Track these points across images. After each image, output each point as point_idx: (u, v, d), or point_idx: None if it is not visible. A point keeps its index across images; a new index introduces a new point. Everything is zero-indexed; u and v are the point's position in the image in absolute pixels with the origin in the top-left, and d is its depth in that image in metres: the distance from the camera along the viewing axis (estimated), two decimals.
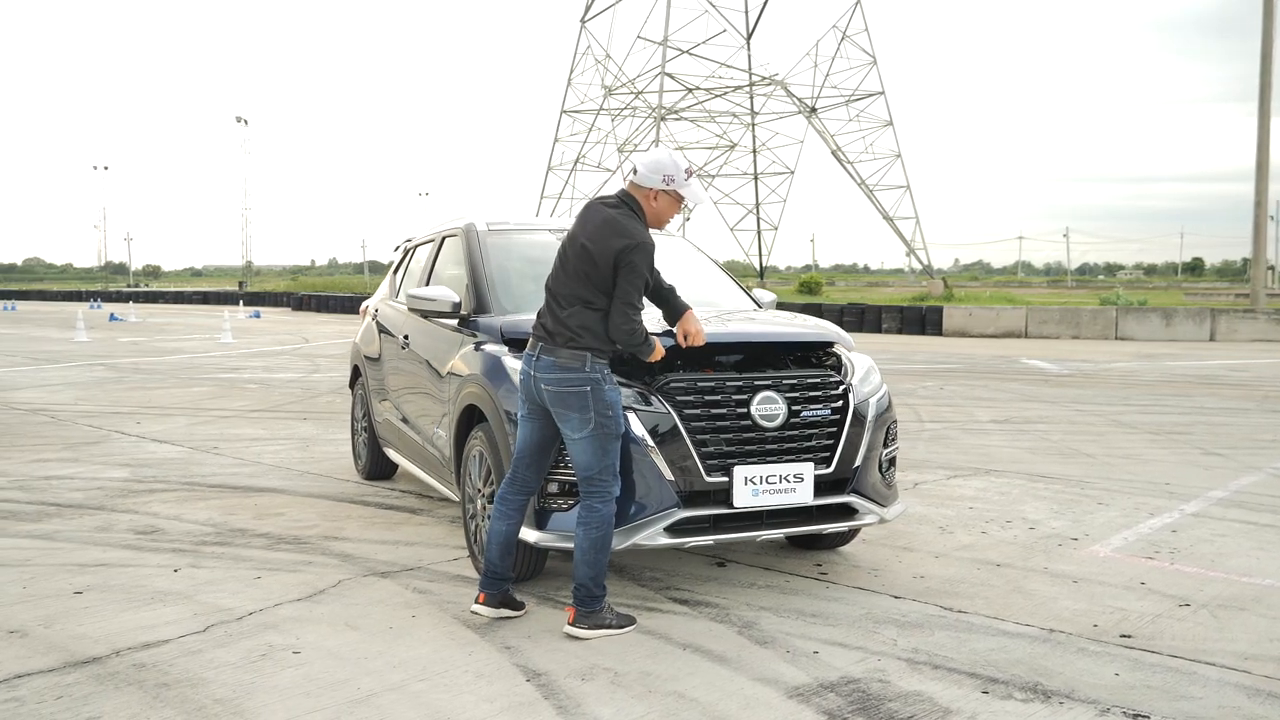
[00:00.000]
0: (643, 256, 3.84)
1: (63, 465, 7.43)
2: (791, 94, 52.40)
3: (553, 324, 3.90)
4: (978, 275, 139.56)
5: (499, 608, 4.05)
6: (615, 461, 3.87)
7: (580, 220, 4.01)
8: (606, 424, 3.82)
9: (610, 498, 3.87)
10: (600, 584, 3.89)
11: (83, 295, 62.47)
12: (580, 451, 3.85)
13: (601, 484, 3.85)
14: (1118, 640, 3.92)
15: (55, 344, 21.26)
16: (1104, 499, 6.45)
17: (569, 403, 3.83)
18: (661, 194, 3.96)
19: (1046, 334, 25.47)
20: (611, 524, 3.88)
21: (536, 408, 3.95)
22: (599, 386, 3.82)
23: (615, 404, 3.85)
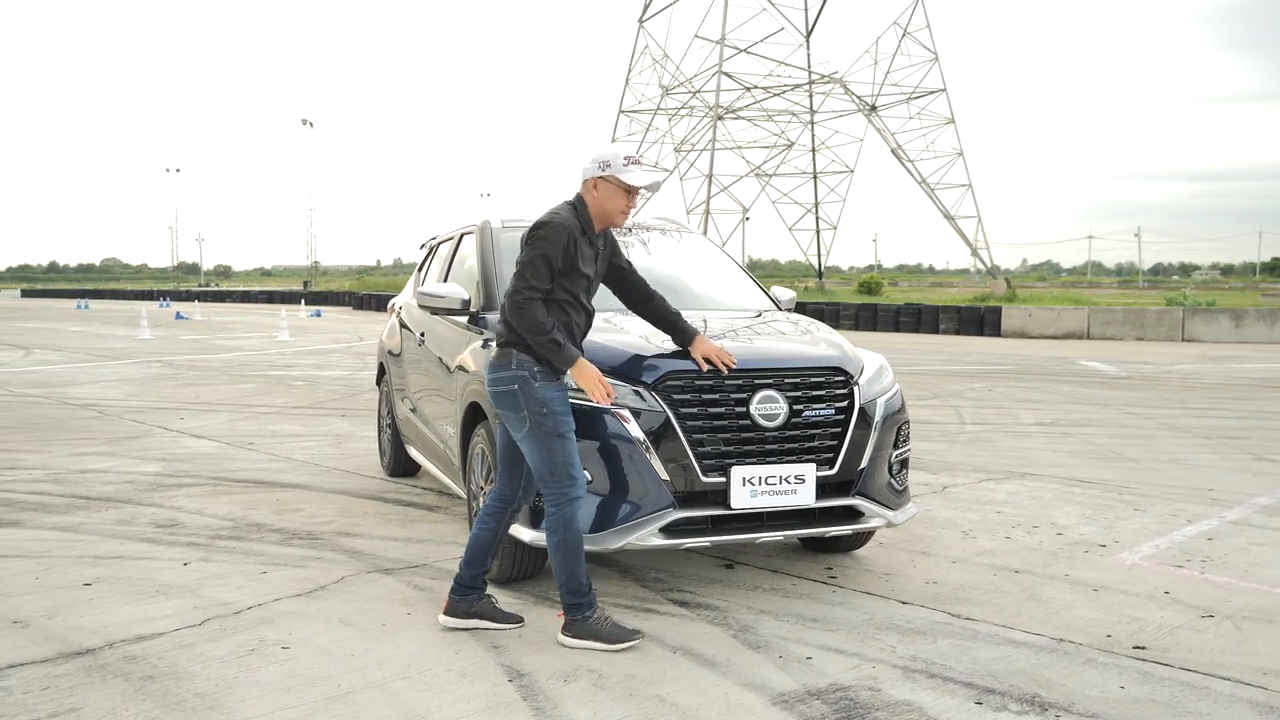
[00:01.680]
0: (550, 232, 3.74)
1: (100, 459, 7.59)
2: (851, 92, 51.84)
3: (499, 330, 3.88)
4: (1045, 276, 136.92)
5: (466, 617, 3.90)
6: (566, 461, 3.71)
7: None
8: (543, 422, 3.71)
9: (567, 500, 3.72)
10: (577, 590, 3.77)
11: (154, 294, 64.23)
12: (527, 453, 3.77)
13: (555, 485, 3.72)
14: (1129, 652, 3.76)
15: (119, 341, 21.83)
16: (1141, 505, 6.23)
17: (502, 402, 3.77)
18: (600, 182, 3.85)
19: (1109, 335, 24.83)
20: (573, 526, 3.74)
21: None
22: (527, 384, 3.72)
23: (551, 400, 3.72)
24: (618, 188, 3.86)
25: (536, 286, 3.72)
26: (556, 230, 3.75)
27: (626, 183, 3.85)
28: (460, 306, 5.05)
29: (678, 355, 4.15)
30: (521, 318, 3.71)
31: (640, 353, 4.18)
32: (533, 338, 3.71)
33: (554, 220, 3.79)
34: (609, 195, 3.87)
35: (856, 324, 28.88)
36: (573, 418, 3.78)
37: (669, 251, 5.85)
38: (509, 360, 3.76)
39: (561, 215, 3.82)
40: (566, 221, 3.79)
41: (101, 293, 73.62)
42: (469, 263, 5.65)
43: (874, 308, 30.12)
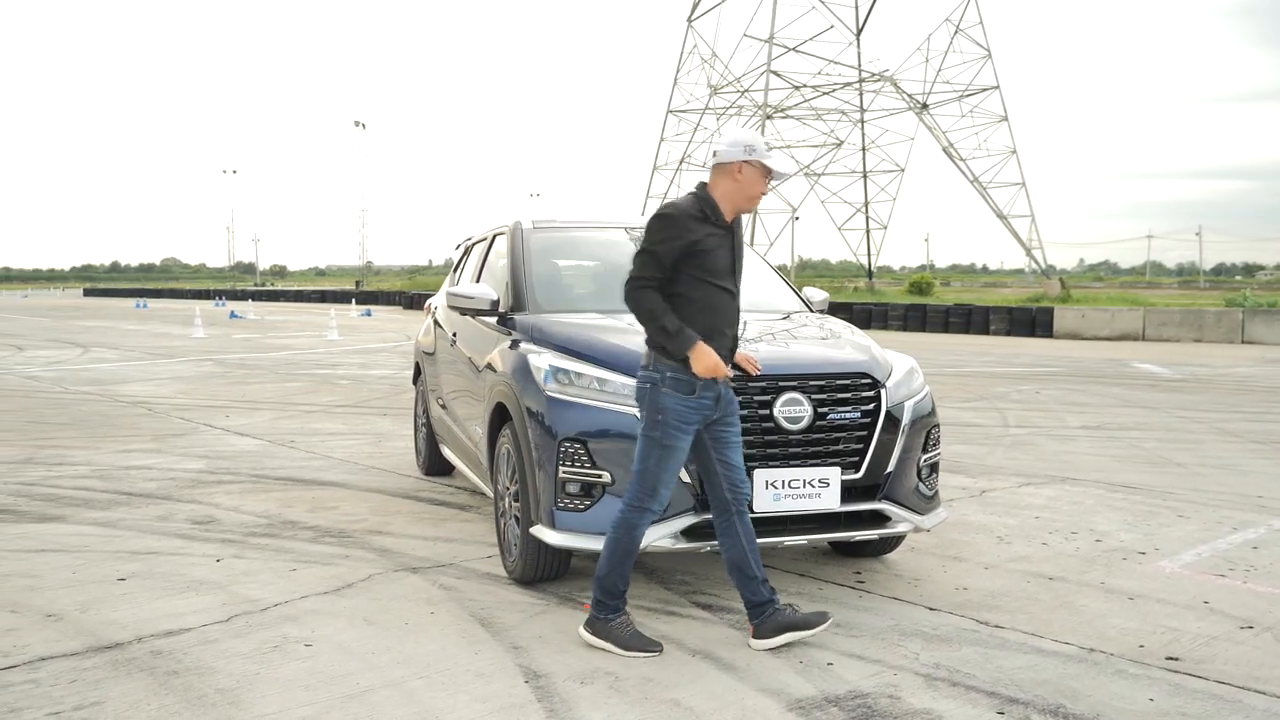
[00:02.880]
0: (659, 224, 3.70)
1: (145, 456, 7.74)
2: (901, 90, 51.30)
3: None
4: (1102, 276, 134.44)
5: (776, 634, 3.75)
6: (657, 472, 3.67)
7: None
8: (653, 428, 3.68)
9: (641, 509, 3.69)
10: (611, 591, 3.74)
11: (211, 294, 65.47)
12: (636, 451, 3.76)
13: (638, 490, 3.70)
14: (1162, 663, 3.66)
15: (173, 340, 22.28)
16: (1185, 511, 6.07)
17: (639, 397, 3.77)
18: (745, 166, 3.79)
19: (1166, 337, 24.29)
20: (634, 534, 3.72)
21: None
22: (656, 387, 3.69)
23: (668, 409, 3.65)
24: (760, 172, 3.80)
25: (646, 276, 3.69)
26: (666, 222, 3.71)
27: (771, 168, 3.83)
28: (489, 307, 5.07)
29: None
30: (633, 305, 3.70)
31: None
32: (646, 325, 3.69)
33: (667, 212, 3.74)
34: (752, 180, 3.79)
35: (905, 324, 28.59)
36: (689, 436, 3.71)
37: None
38: (650, 361, 3.74)
39: (679, 205, 3.76)
40: (682, 211, 3.74)
41: (160, 292, 75.24)
42: (501, 263, 5.67)
43: (923, 308, 29.77)
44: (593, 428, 4.05)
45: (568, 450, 4.06)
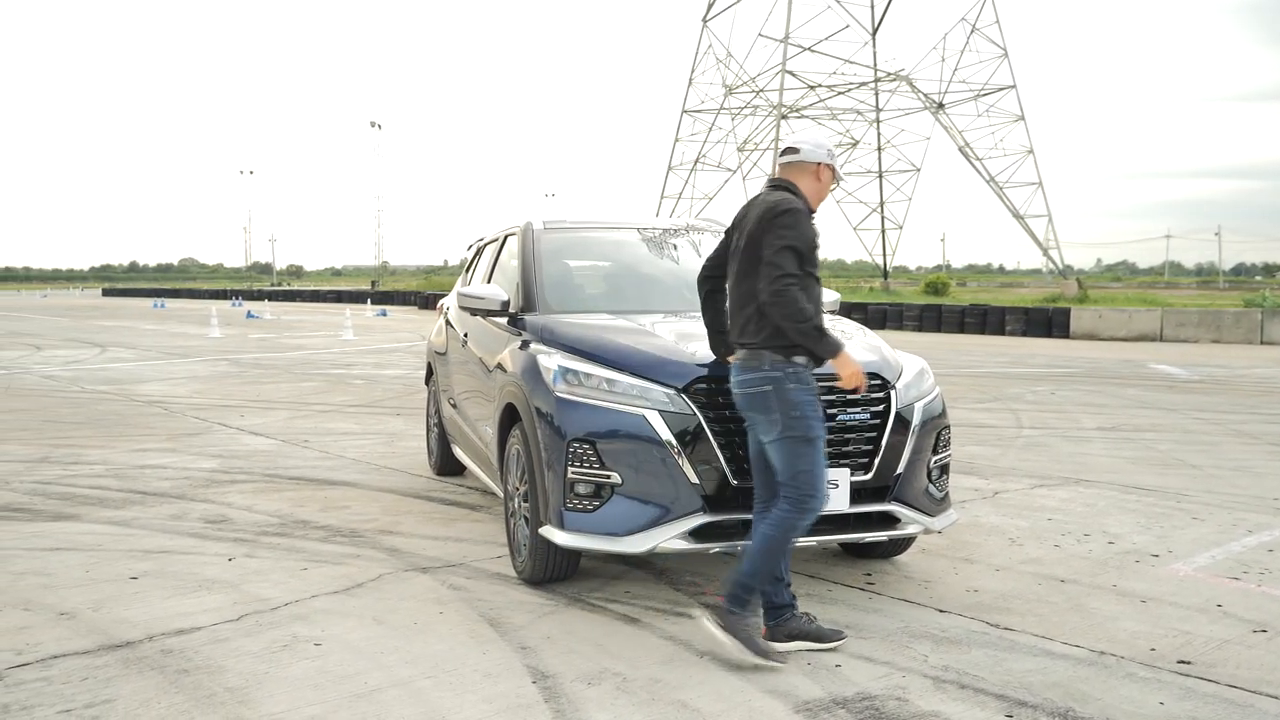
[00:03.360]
0: (796, 219, 3.64)
1: (160, 455, 7.79)
2: (917, 89, 51.13)
3: (736, 330, 3.77)
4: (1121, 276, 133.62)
5: (788, 640, 3.70)
6: (811, 469, 3.59)
7: (743, 215, 3.85)
8: (794, 426, 3.59)
9: (804, 509, 3.60)
10: (749, 588, 3.65)
11: (228, 294, 65.81)
12: (773, 456, 3.67)
13: (795, 491, 3.60)
14: (1173, 666, 3.64)
15: (190, 339, 22.41)
16: (1200, 513, 6.03)
17: (754, 405, 3.67)
18: (824, 168, 3.85)
19: (1183, 337, 24.12)
20: (789, 533, 3.62)
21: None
22: (781, 385, 3.61)
23: (803, 404, 3.61)
24: (832, 176, 3.89)
25: (793, 273, 3.59)
26: (801, 216, 3.68)
27: (839, 174, 3.93)
28: (499, 308, 5.09)
29: (709, 359, 4.12)
30: (783, 305, 3.54)
31: (671, 356, 4.16)
32: (795, 326, 3.55)
33: (797, 206, 3.70)
34: (827, 182, 3.87)
35: (920, 325, 28.48)
36: (823, 424, 3.69)
37: None
38: (760, 362, 3.64)
39: (797, 200, 3.75)
40: (803, 205, 3.75)
41: (178, 292, 75.70)
42: (512, 264, 5.68)
43: (938, 308, 29.66)
44: (602, 428, 4.05)
45: (576, 451, 4.06)
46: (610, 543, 4.02)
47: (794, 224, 3.64)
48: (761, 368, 3.65)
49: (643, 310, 5.01)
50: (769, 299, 3.57)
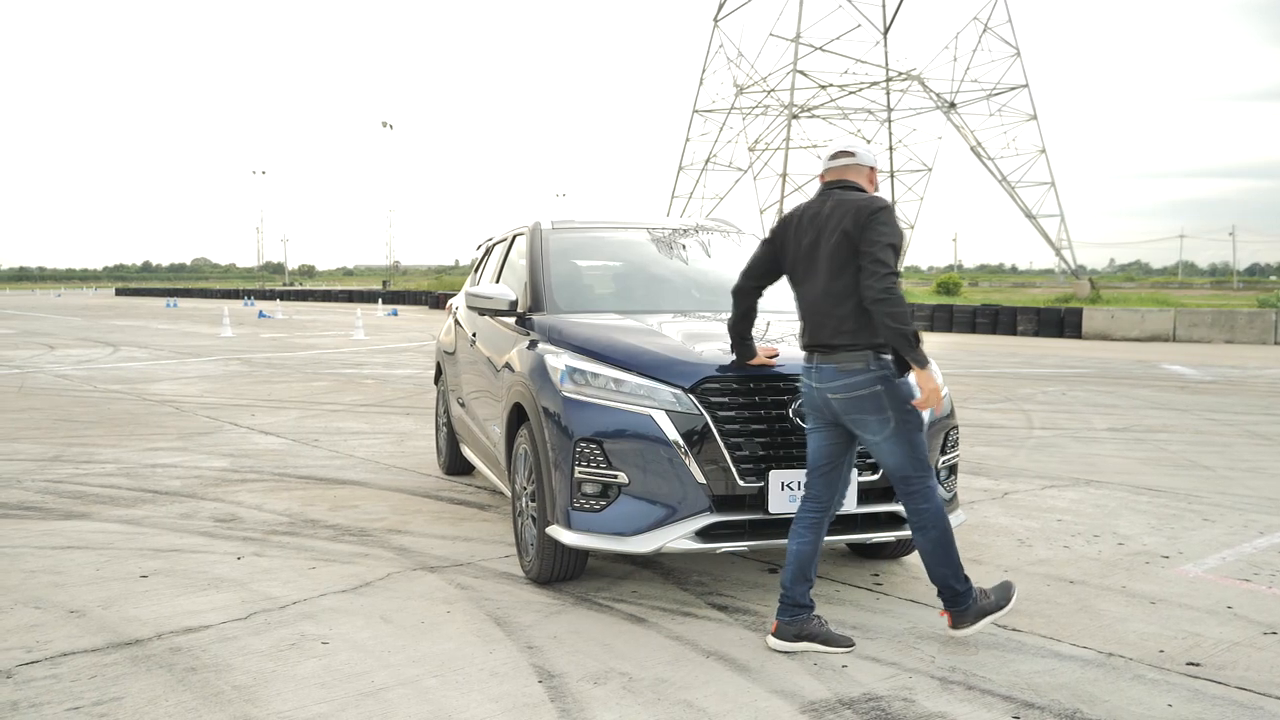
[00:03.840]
0: (891, 216, 3.66)
1: (171, 454, 7.82)
2: (929, 89, 50.98)
3: (826, 331, 3.70)
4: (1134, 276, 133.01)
5: (796, 640, 3.72)
6: (925, 454, 3.72)
7: (814, 216, 3.78)
8: (908, 419, 3.66)
9: (932, 493, 3.71)
10: (961, 578, 3.76)
11: (240, 293, 66.03)
12: (887, 454, 3.70)
13: (918, 482, 3.69)
14: (1182, 668, 3.62)
15: (202, 339, 22.50)
16: (1211, 515, 6.00)
17: (863, 407, 3.65)
18: (874, 171, 3.92)
19: (1196, 338, 24.00)
20: (944, 515, 3.73)
21: (824, 420, 3.76)
22: (890, 383, 3.65)
23: (911, 396, 3.69)
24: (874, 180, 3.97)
25: (897, 271, 3.59)
26: (893, 215, 3.72)
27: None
28: (507, 307, 5.09)
29: (716, 359, 4.12)
30: (892, 303, 3.51)
31: (678, 356, 4.16)
32: (897, 327, 3.51)
33: (889, 204, 3.73)
34: (875, 184, 3.93)
35: (932, 325, 28.39)
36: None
37: (724, 252, 5.82)
38: (865, 362, 3.64)
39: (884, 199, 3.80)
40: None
41: (190, 291, 76.03)
42: (520, 263, 5.68)
43: (949, 309, 29.58)
44: (609, 428, 4.05)
45: (584, 450, 4.06)
46: (617, 542, 4.02)
47: (891, 221, 3.67)
48: (869, 368, 3.65)
49: (651, 310, 5.01)
50: (878, 295, 3.53)
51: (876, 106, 53.00)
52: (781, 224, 3.93)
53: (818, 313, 3.73)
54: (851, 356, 3.65)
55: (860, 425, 3.69)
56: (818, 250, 3.73)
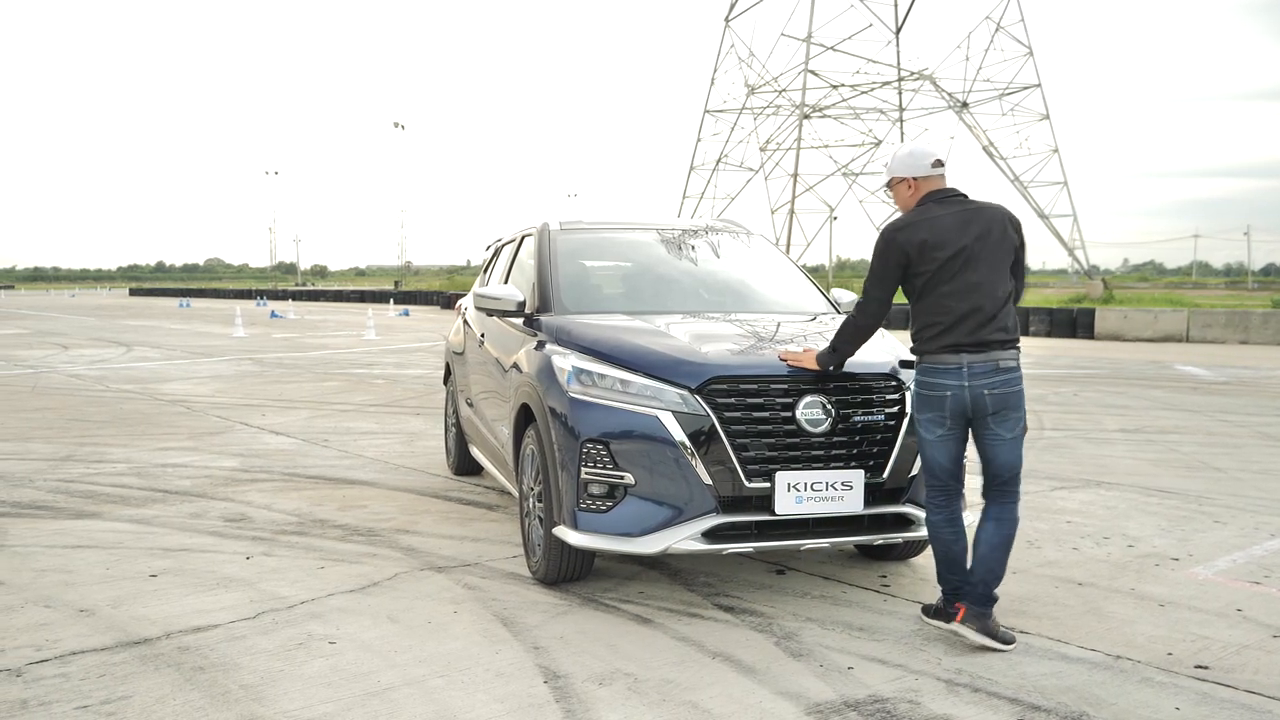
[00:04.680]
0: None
1: (182, 454, 7.86)
2: (941, 89, 50.83)
3: (990, 329, 3.78)
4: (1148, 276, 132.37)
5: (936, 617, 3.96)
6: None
7: (977, 221, 3.86)
8: (1026, 419, 3.91)
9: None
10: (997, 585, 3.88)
11: (253, 294, 66.27)
12: (1011, 451, 3.86)
13: (1019, 482, 3.94)
14: (1190, 671, 3.60)
15: (214, 339, 22.59)
16: (1222, 517, 5.97)
17: (1012, 403, 3.81)
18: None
19: (1210, 338, 23.86)
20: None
21: (959, 422, 3.84)
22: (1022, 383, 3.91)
23: None
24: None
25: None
26: None
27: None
28: (515, 308, 5.10)
29: (723, 360, 4.12)
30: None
31: (684, 357, 4.15)
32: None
33: None
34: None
35: None
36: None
37: (731, 253, 5.83)
38: (1017, 360, 3.87)
39: None
40: None
41: (203, 291, 76.36)
42: (529, 264, 5.69)
43: None
44: (615, 429, 4.06)
45: (590, 451, 4.07)
46: (623, 543, 4.02)
47: None
48: (1019, 366, 3.87)
49: (659, 311, 5.01)
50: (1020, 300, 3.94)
51: (888, 106, 52.86)
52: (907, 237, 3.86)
53: (979, 313, 3.79)
54: (1010, 355, 3.82)
55: (1000, 421, 3.82)
56: (978, 256, 3.82)
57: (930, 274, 3.83)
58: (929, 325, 3.84)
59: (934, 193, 3.94)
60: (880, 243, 3.92)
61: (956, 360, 3.79)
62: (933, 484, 3.93)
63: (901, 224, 3.90)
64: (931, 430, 3.86)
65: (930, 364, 3.84)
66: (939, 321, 3.81)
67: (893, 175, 4.01)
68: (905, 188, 3.98)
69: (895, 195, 4.05)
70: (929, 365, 3.85)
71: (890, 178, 4.02)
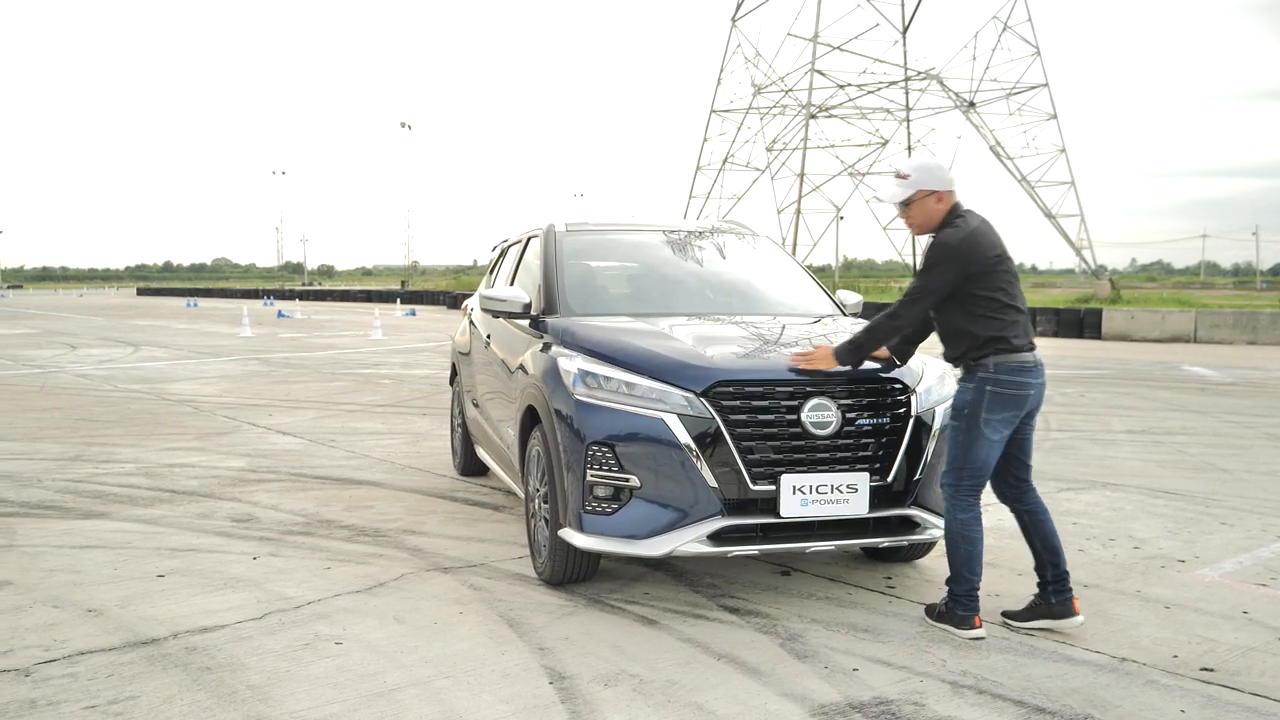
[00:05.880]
0: None
1: (189, 454, 7.89)
2: (948, 88, 50.75)
3: (1030, 333, 4.02)
4: (1155, 276, 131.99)
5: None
6: None
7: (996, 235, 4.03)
8: None
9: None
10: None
11: (260, 293, 66.40)
12: (1030, 446, 4.11)
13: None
14: (1196, 673, 3.60)
15: (221, 339, 22.66)
16: (1228, 518, 5.96)
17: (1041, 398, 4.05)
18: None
19: (1218, 339, 23.79)
20: None
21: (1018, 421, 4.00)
22: None
23: None
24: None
25: None
26: None
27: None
28: (521, 310, 5.11)
29: (729, 363, 4.12)
30: None
31: (690, 360, 4.16)
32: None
33: None
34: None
35: None
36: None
37: (737, 255, 5.83)
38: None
39: None
40: None
41: (211, 291, 76.54)
42: (535, 265, 5.70)
43: None
44: (621, 431, 4.07)
45: (595, 454, 4.08)
46: (629, 545, 4.03)
47: None
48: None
49: (665, 313, 5.02)
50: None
51: (895, 106, 52.79)
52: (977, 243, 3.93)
53: (1026, 314, 4.03)
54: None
55: (1034, 416, 4.04)
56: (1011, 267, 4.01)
57: (998, 278, 3.92)
58: (1006, 326, 3.91)
59: (958, 204, 4.04)
60: (944, 250, 3.90)
61: (1033, 358, 3.94)
62: (973, 484, 3.96)
63: (966, 230, 3.93)
64: (999, 431, 3.93)
65: (1014, 363, 3.90)
66: (1016, 321, 3.94)
67: (922, 189, 3.98)
68: (935, 201, 3.99)
69: (918, 209, 4.01)
70: (1014, 364, 3.91)
71: (915, 191, 3.98)
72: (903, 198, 4.02)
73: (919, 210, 4.01)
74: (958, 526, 3.96)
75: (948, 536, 3.99)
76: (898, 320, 4.05)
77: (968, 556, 3.95)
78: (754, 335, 4.54)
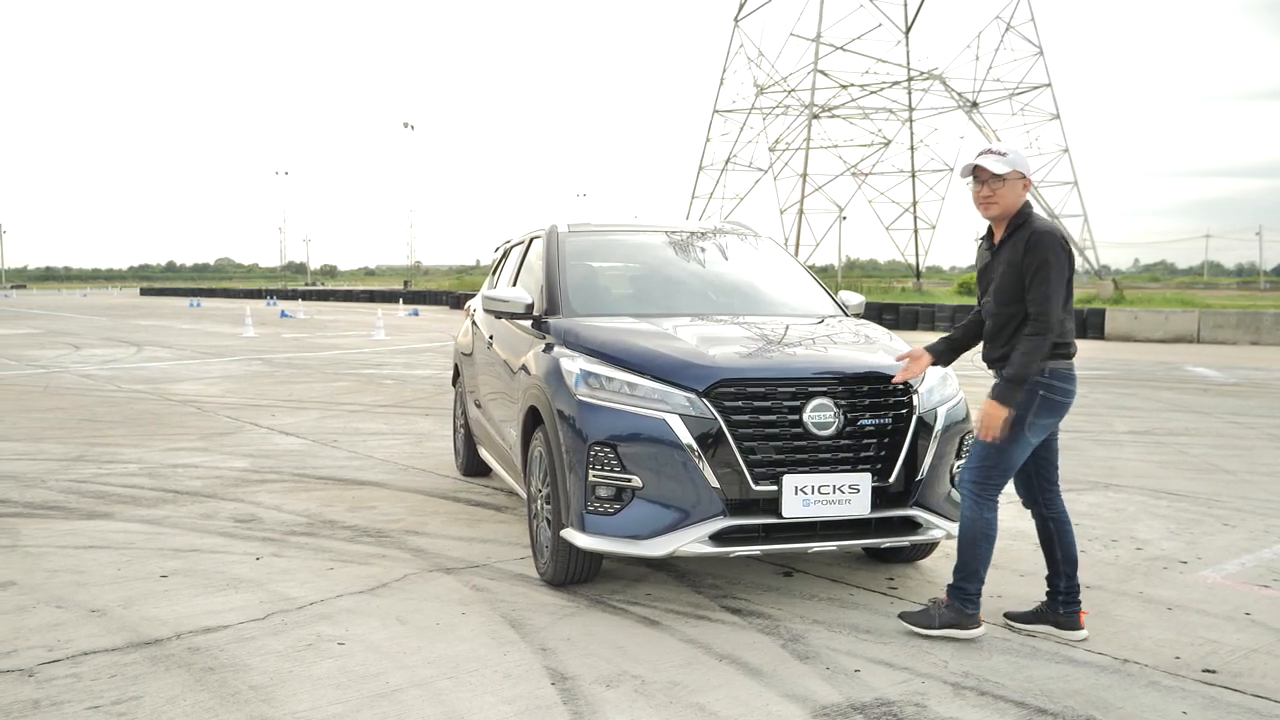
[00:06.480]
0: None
1: (193, 454, 7.90)
2: (951, 88, 50.76)
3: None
4: (1159, 276, 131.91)
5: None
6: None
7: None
8: None
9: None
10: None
11: (263, 293, 66.49)
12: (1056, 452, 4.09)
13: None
14: (1198, 675, 3.60)
15: (224, 339, 22.69)
16: (1231, 520, 5.95)
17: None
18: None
19: (1221, 339, 23.78)
20: None
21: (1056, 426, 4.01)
22: None
23: None
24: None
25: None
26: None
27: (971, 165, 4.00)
28: (523, 311, 5.12)
29: (731, 363, 4.13)
30: None
31: (692, 360, 4.17)
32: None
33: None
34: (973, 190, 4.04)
35: (953, 325, 28.17)
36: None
37: (739, 256, 5.84)
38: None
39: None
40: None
41: (214, 291, 76.63)
42: (537, 266, 5.71)
43: (970, 309, 29.38)
44: (623, 432, 4.07)
45: (598, 454, 4.08)
46: (631, 546, 4.04)
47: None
48: None
49: (667, 314, 5.02)
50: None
51: (898, 106, 52.80)
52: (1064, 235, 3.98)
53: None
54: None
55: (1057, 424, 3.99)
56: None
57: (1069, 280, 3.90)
58: (1067, 332, 3.92)
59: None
60: (1060, 250, 3.81)
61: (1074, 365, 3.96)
62: (999, 483, 3.96)
63: (1058, 230, 3.93)
64: (1039, 434, 3.93)
65: (1066, 369, 3.91)
66: (1071, 328, 3.95)
67: (1017, 169, 3.85)
68: (1022, 186, 3.90)
69: (1009, 189, 3.84)
70: (1066, 371, 3.91)
71: (1012, 170, 3.83)
72: (1003, 171, 3.83)
73: (1009, 190, 3.85)
74: (982, 525, 3.91)
75: (968, 535, 3.92)
76: (1049, 331, 3.78)
77: (986, 556, 3.94)
78: (756, 336, 4.54)
